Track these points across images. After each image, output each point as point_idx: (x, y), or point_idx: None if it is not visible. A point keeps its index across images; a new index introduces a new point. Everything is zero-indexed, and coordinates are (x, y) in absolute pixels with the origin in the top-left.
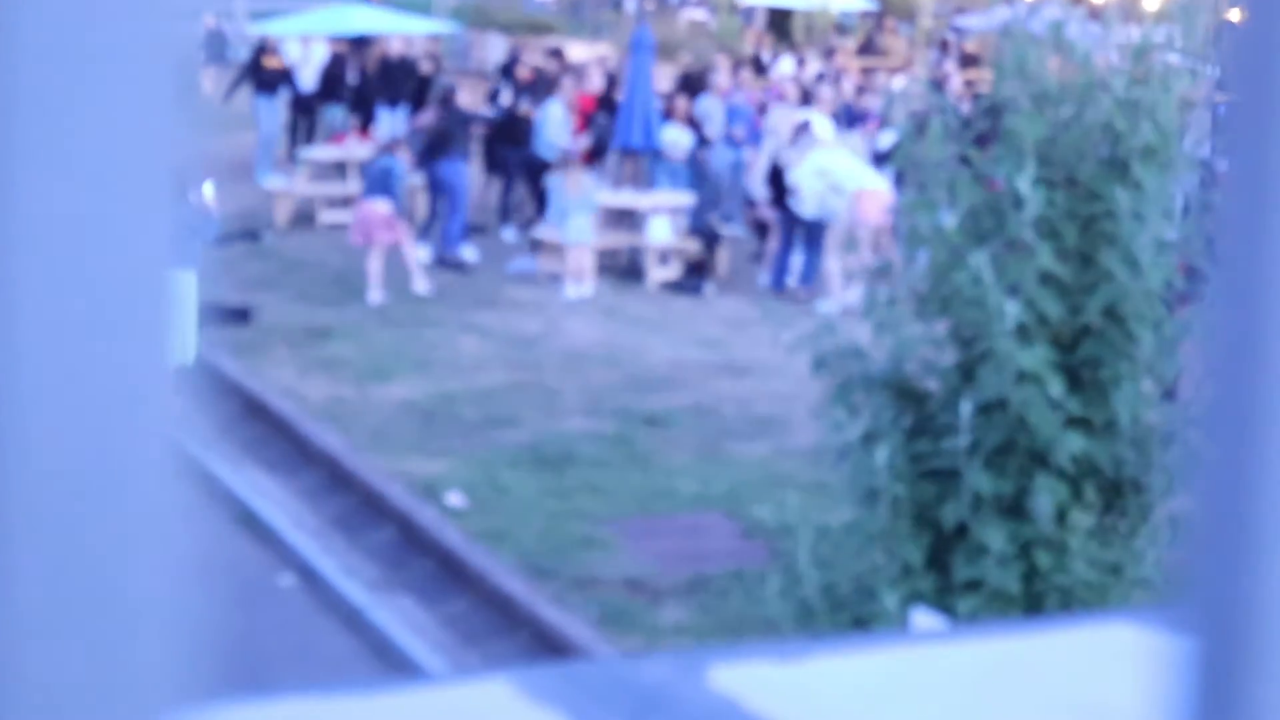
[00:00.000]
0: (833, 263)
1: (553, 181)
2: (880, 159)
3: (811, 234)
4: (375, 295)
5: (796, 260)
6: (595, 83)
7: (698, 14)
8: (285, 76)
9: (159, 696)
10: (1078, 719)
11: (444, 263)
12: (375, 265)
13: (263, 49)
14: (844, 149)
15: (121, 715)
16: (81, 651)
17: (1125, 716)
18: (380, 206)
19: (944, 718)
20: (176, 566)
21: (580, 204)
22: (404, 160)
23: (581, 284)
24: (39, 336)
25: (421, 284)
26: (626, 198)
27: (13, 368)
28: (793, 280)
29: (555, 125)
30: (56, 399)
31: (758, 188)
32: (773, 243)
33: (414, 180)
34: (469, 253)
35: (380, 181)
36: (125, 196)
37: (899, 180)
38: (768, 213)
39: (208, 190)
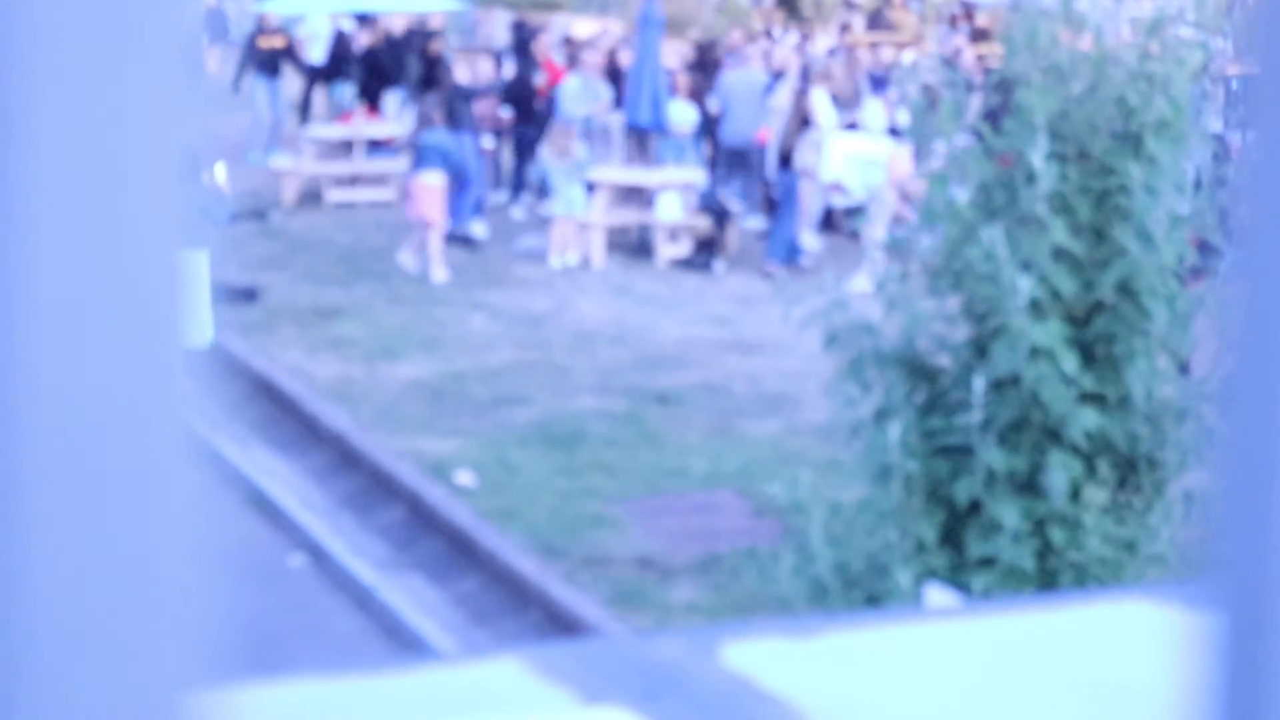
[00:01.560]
0: (873, 231)
1: (543, 152)
2: (895, 132)
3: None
4: (439, 272)
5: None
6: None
7: None
8: (283, 55)
9: (179, 677)
10: (1092, 694)
11: (452, 238)
12: (429, 240)
13: (260, 29)
14: (862, 120)
15: (143, 696)
16: (101, 633)
17: (1141, 692)
18: (434, 179)
19: (958, 693)
20: (194, 547)
21: (569, 173)
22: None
23: (567, 255)
24: (54, 320)
25: (440, 272)
26: (636, 174)
27: (28, 350)
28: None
29: (571, 98)
30: (71, 381)
31: (770, 165)
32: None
33: None
34: (479, 229)
35: (434, 155)
36: (139, 177)
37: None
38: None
39: (219, 170)
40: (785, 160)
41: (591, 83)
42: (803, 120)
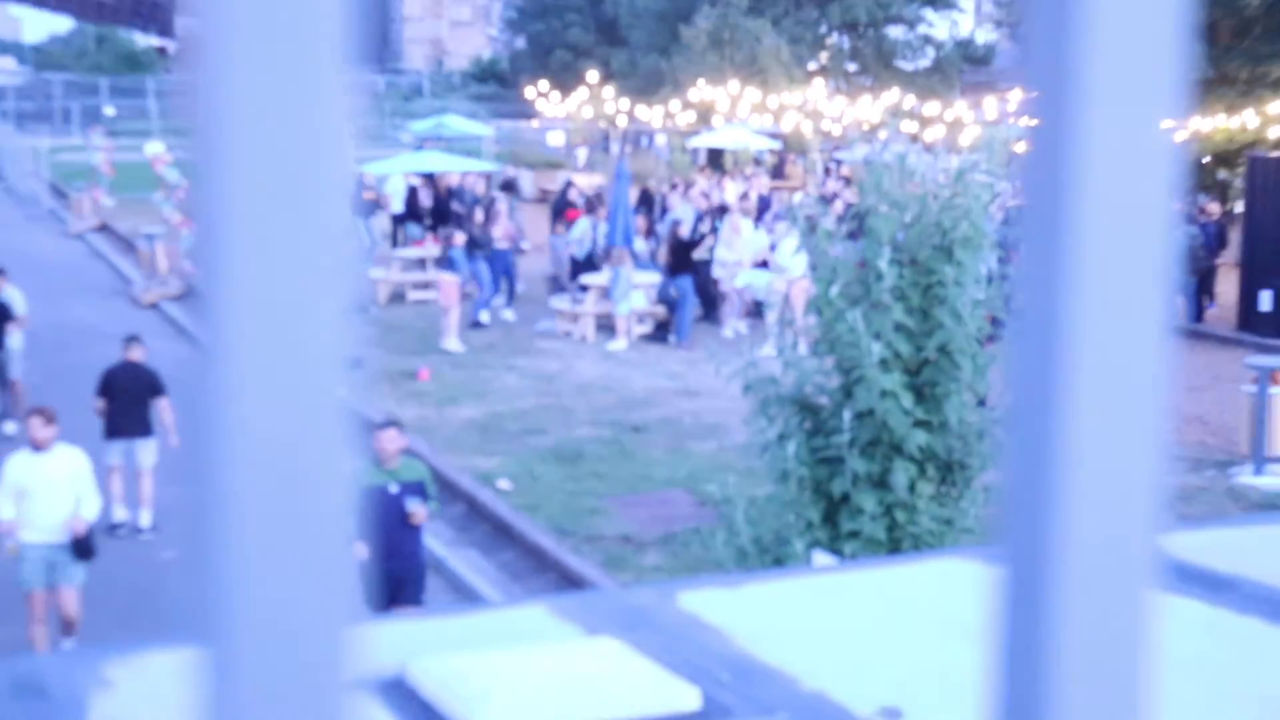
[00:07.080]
0: (772, 318)
1: (620, 270)
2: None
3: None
4: (451, 342)
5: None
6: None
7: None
8: (375, 204)
9: (339, 610)
10: (926, 623)
11: (476, 324)
12: (451, 320)
13: (361, 185)
14: (758, 245)
15: (314, 624)
16: (286, 575)
17: (959, 621)
18: (450, 278)
19: (838, 625)
20: (347, 514)
21: (628, 280)
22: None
23: (620, 340)
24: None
25: (454, 343)
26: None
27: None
28: (730, 330)
29: (580, 231)
30: (266, 394)
31: (715, 269)
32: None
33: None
34: (509, 314)
35: (451, 264)
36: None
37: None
38: (679, 284)
39: None
40: (675, 269)
41: (596, 223)
42: (678, 240)
